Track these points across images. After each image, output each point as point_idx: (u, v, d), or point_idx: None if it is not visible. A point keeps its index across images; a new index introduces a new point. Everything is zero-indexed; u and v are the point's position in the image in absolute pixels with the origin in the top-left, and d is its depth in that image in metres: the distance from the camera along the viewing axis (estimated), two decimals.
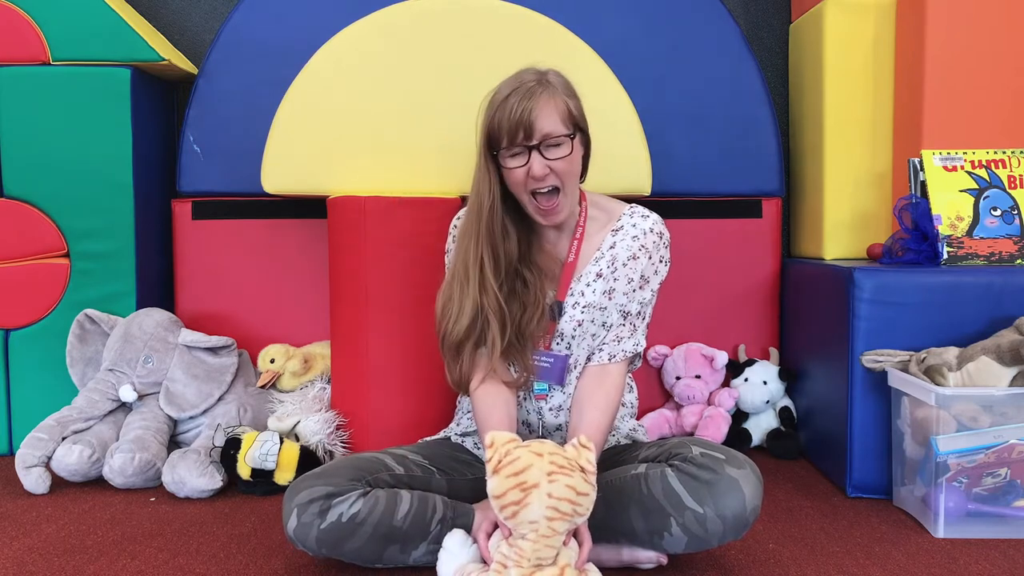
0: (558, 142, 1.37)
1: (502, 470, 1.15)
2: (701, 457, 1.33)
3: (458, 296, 1.42)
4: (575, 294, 1.47)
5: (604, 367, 1.47)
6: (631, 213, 1.52)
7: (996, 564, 1.44)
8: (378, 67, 2.05)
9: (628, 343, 1.48)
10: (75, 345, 2.07)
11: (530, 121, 1.34)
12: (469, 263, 1.42)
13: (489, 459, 1.17)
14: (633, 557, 1.40)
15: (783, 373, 2.19)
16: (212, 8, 2.43)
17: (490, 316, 1.40)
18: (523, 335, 1.43)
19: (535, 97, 1.35)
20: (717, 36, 2.21)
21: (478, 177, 1.43)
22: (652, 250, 1.49)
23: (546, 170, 1.36)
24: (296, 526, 1.31)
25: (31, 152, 2.10)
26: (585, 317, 1.46)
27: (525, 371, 1.45)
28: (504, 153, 1.38)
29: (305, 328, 2.25)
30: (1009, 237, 1.84)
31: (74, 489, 1.87)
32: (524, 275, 1.45)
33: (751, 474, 1.32)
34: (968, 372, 1.59)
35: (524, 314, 1.43)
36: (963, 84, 1.98)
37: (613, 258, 1.48)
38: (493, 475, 1.16)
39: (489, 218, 1.41)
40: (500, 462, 1.16)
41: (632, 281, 1.48)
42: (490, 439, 1.18)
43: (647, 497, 1.33)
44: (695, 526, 1.30)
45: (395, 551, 1.35)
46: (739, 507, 1.29)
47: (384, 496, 1.34)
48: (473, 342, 1.42)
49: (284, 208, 2.23)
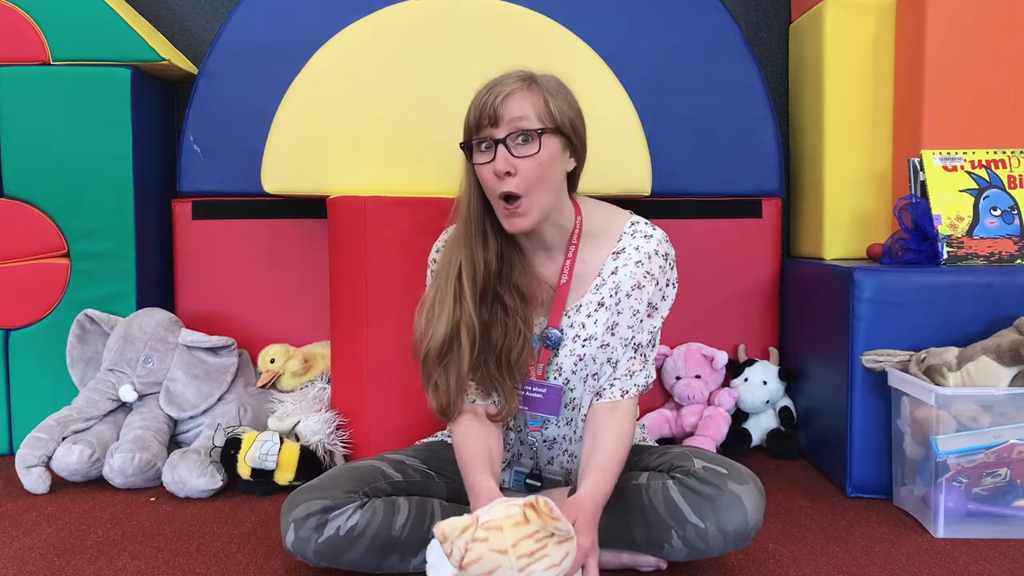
0: (527, 137, 1.24)
1: (469, 568, 1.04)
2: (704, 471, 1.30)
3: (438, 308, 1.32)
4: (575, 325, 1.37)
5: (615, 404, 1.36)
6: (632, 232, 1.38)
7: (996, 564, 1.44)
8: (378, 67, 2.05)
9: (640, 376, 1.38)
10: (75, 345, 2.07)
11: (495, 106, 1.23)
12: (451, 271, 1.33)
13: (449, 554, 1.05)
14: (633, 560, 1.40)
15: (783, 373, 2.19)
16: (212, 8, 2.43)
17: (462, 332, 1.30)
18: (507, 366, 1.33)
19: (508, 86, 1.25)
20: (717, 36, 2.21)
21: (463, 181, 1.35)
22: (659, 275, 1.37)
23: (509, 167, 1.23)
24: (294, 540, 1.30)
25: (31, 152, 2.10)
26: (587, 351, 1.36)
27: (507, 405, 1.34)
28: (474, 147, 1.28)
29: (305, 328, 2.25)
30: (1009, 237, 1.84)
31: (74, 489, 1.87)
32: (504, 299, 1.33)
33: (753, 489, 1.29)
34: (968, 372, 1.59)
35: (505, 342, 1.32)
36: (963, 84, 1.98)
37: (616, 286, 1.36)
38: (461, 570, 1.05)
39: (466, 222, 1.33)
40: (463, 558, 1.04)
41: (638, 313, 1.36)
42: (440, 533, 1.04)
43: (648, 508, 1.32)
44: (696, 539, 1.29)
45: (395, 560, 1.34)
46: (741, 523, 1.27)
47: (382, 506, 1.33)
48: (446, 362, 1.32)
49: (284, 208, 2.23)
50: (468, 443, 1.33)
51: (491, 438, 1.35)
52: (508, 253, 1.36)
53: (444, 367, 1.32)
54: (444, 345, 1.31)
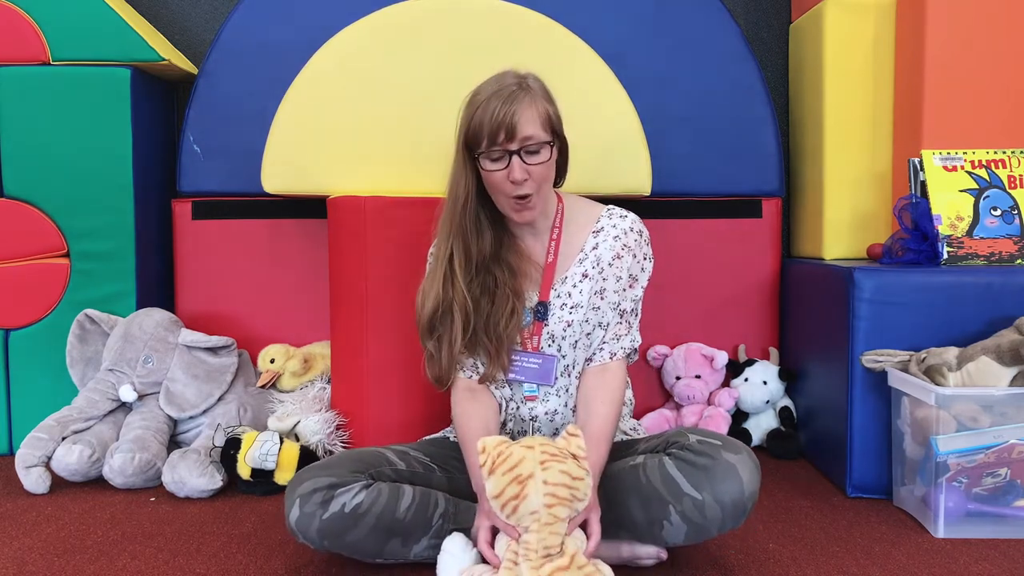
0: (537, 148, 1.38)
1: (497, 469, 1.18)
2: (698, 444, 1.35)
3: (428, 288, 1.46)
4: (561, 295, 1.48)
5: (605, 365, 1.48)
6: (609, 214, 1.53)
7: (996, 564, 1.44)
8: (378, 67, 2.05)
9: (626, 340, 1.49)
10: (75, 345, 2.07)
11: (512, 124, 1.35)
12: (441, 256, 1.45)
13: (483, 464, 1.19)
14: (633, 553, 1.41)
15: (783, 373, 2.19)
16: (212, 8, 2.43)
17: (454, 310, 1.42)
18: (495, 333, 1.44)
19: (517, 101, 1.36)
20: (717, 36, 2.21)
21: (454, 174, 1.44)
22: (635, 248, 1.50)
23: (525, 175, 1.38)
24: (298, 516, 1.32)
25: (31, 152, 2.10)
26: (575, 317, 1.47)
27: (499, 369, 1.46)
28: (484, 155, 1.38)
29: (305, 328, 2.25)
30: (1009, 237, 1.84)
31: (74, 489, 1.87)
32: (495, 273, 1.46)
33: (748, 459, 1.33)
34: (968, 372, 1.59)
35: (492, 310, 1.44)
36: (963, 84, 1.98)
37: (598, 259, 1.49)
38: (489, 476, 1.19)
39: (462, 215, 1.43)
40: (494, 463, 1.19)
41: (621, 279, 1.49)
42: (481, 445, 1.20)
43: (645, 486, 1.35)
44: (694, 513, 1.31)
45: (396, 544, 1.36)
46: (737, 492, 1.30)
47: (387, 489, 1.36)
48: (438, 335, 1.45)
49: (284, 208, 2.23)
50: (468, 422, 1.45)
51: (488, 415, 1.47)
52: (499, 236, 1.49)
53: (437, 340, 1.45)
54: (433, 319, 1.44)
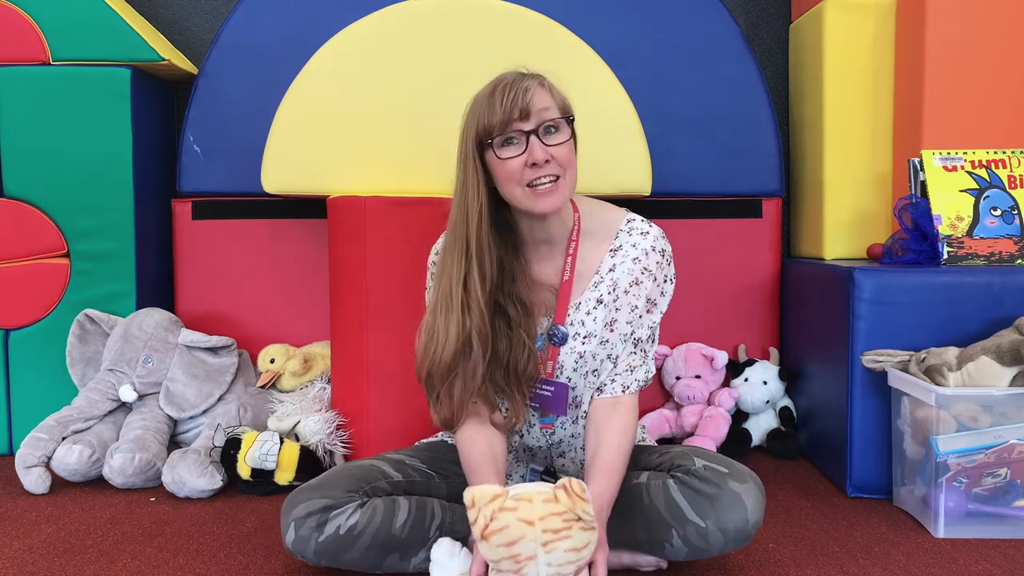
0: (556, 125, 1.28)
1: (491, 537, 1.05)
2: (704, 470, 1.31)
3: (443, 323, 1.30)
4: (575, 323, 1.37)
5: (617, 399, 1.37)
6: (629, 229, 1.39)
7: (996, 564, 1.44)
8: (378, 67, 2.05)
9: (640, 371, 1.39)
10: (75, 345, 2.07)
11: (526, 102, 1.25)
12: (453, 282, 1.30)
13: (473, 521, 1.06)
14: (634, 560, 1.40)
15: (783, 373, 2.19)
16: (212, 8, 2.43)
17: (474, 340, 1.28)
18: (513, 375, 1.33)
19: (526, 80, 1.28)
20: (717, 36, 2.21)
21: (461, 185, 1.31)
22: (656, 271, 1.38)
23: (547, 156, 1.26)
24: (294, 539, 1.31)
25: (31, 152, 2.10)
26: (587, 349, 1.37)
27: (515, 415, 1.35)
28: (498, 142, 1.27)
29: (305, 328, 2.25)
30: (1009, 237, 1.84)
31: (74, 489, 1.87)
32: (507, 312, 1.33)
33: (754, 488, 1.30)
34: (968, 372, 1.59)
35: (511, 354, 1.32)
36: (963, 84, 1.98)
37: (614, 283, 1.37)
38: (482, 540, 1.06)
39: (477, 228, 1.29)
40: (487, 527, 1.05)
41: (636, 309, 1.37)
42: (470, 498, 1.06)
43: (648, 508, 1.32)
44: (696, 539, 1.29)
45: (395, 559, 1.35)
46: (741, 521, 1.27)
47: (382, 505, 1.34)
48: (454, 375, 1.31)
49: (284, 208, 2.23)
50: (472, 448, 1.35)
51: (495, 441, 1.36)
52: (507, 262, 1.35)
53: (452, 380, 1.31)
54: (455, 357, 1.29)
